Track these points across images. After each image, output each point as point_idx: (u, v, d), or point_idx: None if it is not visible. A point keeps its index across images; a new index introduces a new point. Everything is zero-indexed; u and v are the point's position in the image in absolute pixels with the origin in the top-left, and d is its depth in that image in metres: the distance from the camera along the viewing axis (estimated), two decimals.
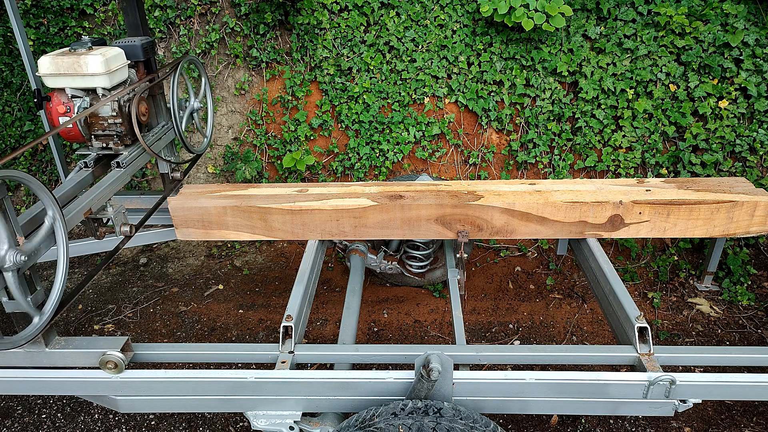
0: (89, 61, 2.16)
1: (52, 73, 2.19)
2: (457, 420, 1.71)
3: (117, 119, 2.30)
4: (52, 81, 2.22)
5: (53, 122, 2.28)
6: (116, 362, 1.90)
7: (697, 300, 3.49)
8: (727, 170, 3.59)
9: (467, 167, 4.01)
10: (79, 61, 2.16)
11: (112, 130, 2.32)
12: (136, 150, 2.42)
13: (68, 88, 2.24)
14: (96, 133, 2.32)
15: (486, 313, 3.51)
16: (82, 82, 2.21)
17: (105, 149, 2.38)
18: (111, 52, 2.25)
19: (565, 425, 2.73)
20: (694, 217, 2.46)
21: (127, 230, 2.33)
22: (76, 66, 2.17)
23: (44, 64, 2.18)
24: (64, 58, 2.17)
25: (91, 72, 2.18)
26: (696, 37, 3.47)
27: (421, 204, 2.45)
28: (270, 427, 1.98)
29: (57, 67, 2.18)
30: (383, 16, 3.77)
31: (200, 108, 2.81)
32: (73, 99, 2.25)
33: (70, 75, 2.19)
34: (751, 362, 2.07)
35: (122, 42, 2.46)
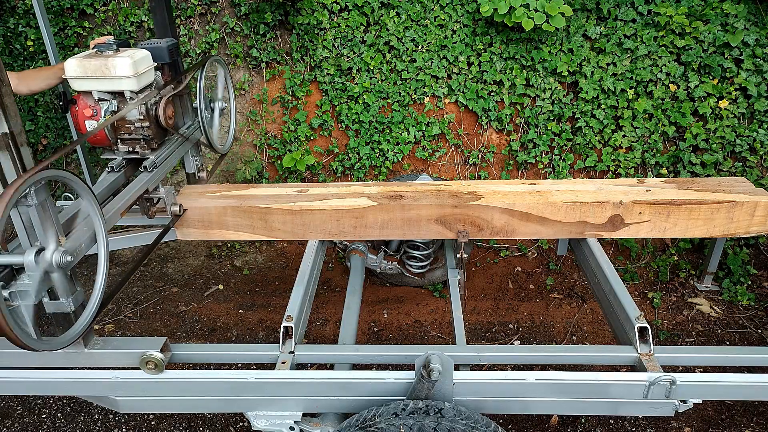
0: (117, 63, 2.13)
1: (79, 75, 2.15)
2: (458, 420, 1.71)
3: (144, 122, 2.27)
4: (79, 84, 2.18)
5: (79, 125, 2.25)
6: (156, 362, 1.89)
7: (697, 300, 3.49)
8: (727, 170, 3.59)
9: (467, 167, 4.01)
10: (107, 64, 2.12)
11: (139, 133, 2.29)
12: (164, 153, 2.40)
13: (95, 91, 2.20)
14: (122, 136, 2.29)
15: (486, 313, 3.51)
16: (109, 85, 2.17)
17: (131, 153, 2.34)
18: (138, 55, 2.21)
19: (565, 425, 2.73)
20: (694, 217, 2.46)
21: (176, 209, 2.36)
22: (104, 68, 2.13)
23: (71, 66, 2.14)
24: (92, 61, 2.13)
25: (119, 75, 2.14)
26: (696, 37, 3.47)
27: (421, 204, 2.45)
28: (270, 427, 1.98)
29: (84, 69, 2.14)
30: (383, 16, 3.77)
31: (224, 107, 2.80)
32: (100, 102, 2.21)
33: (98, 78, 2.15)
34: (751, 362, 2.07)
35: (148, 44, 2.43)
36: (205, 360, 2.10)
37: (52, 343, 1.68)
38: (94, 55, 2.18)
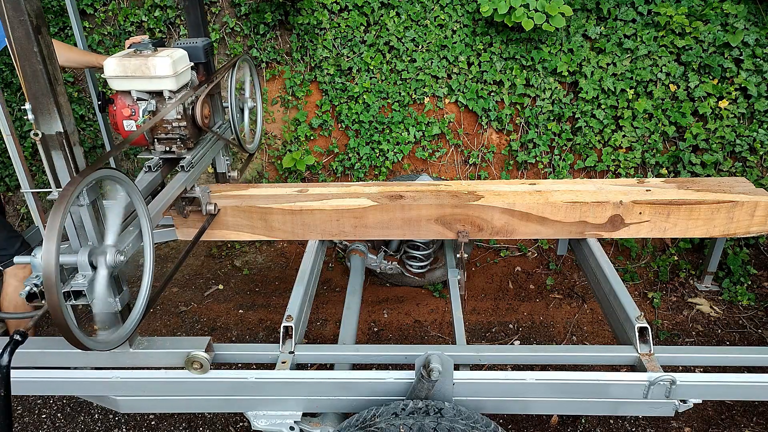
0: (157, 63, 2.12)
1: (118, 75, 2.14)
2: (458, 420, 1.71)
3: (181, 122, 2.26)
4: (118, 83, 2.17)
5: (117, 125, 2.24)
6: (202, 362, 1.89)
7: (697, 300, 3.49)
8: (727, 170, 3.59)
9: (467, 167, 4.01)
10: (146, 63, 2.12)
11: (176, 133, 2.28)
12: (199, 152, 2.39)
13: (134, 90, 2.19)
14: (159, 136, 2.28)
15: (486, 313, 3.51)
16: (149, 84, 2.16)
17: (167, 153, 2.33)
18: (177, 54, 2.20)
19: (565, 425, 2.73)
20: (695, 217, 2.46)
21: (212, 208, 2.37)
22: (144, 68, 2.12)
23: (111, 66, 2.13)
24: (132, 60, 2.12)
25: (159, 74, 2.13)
26: (696, 37, 3.47)
27: (421, 204, 2.45)
28: (270, 427, 1.98)
29: (124, 69, 2.13)
30: (383, 16, 3.77)
31: (253, 106, 2.80)
32: (138, 102, 2.20)
33: (137, 77, 2.14)
34: (751, 362, 2.07)
35: (184, 43, 2.42)
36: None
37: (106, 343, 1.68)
38: (132, 54, 2.17)
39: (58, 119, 1.45)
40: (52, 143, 1.49)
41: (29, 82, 1.40)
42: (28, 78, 1.40)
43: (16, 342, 1.50)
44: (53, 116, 1.45)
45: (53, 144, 1.49)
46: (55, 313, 1.43)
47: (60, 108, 1.44)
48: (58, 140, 1.48)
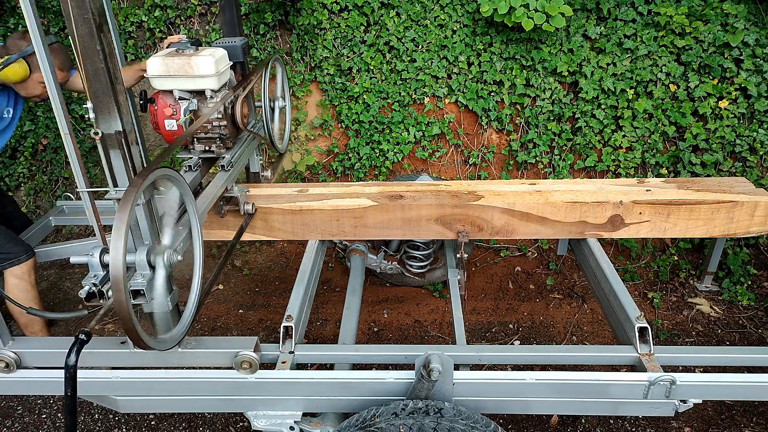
0: (200, 62, 2.12)
1: (161, 74, 2.14)
2: (458, 420, 1.71)
3: (222, 121, 2.26)
4: (161, 83, 2.17)
5: (158, 125, 2.23)
6: (251, 362, 1.88)
7: (697, 300, 3.49)
8: (727, 170, 3.59)
9: (467, 167, 4.01)
10: (189, 63, 2.12)
11: (216, 132, 2.27)
12: (237, 151, 2.39)
13: (176, 89, 2.19)
14: (198, 135, 2.28)
15: (486, 313, 3.51)
16: (192, 83, 2.16)
17: (206, 152, 2.33)
18: (218, 53, 2.20)
19: (565, 425, 2.73)
20: (695, 217, 2.46)
21: (249, 208, 2.36)
22: (187, 67, 2.12)
23: (154, 65, 2.13)
24: (175, 60, 2.13)
25: (202, 73, 2.13)
26: (696, 37, 3.47)
27: (422, 204, 2.45)
28: (270, 427, 1.98)
29: (167, 68, 2.13)
30: (383, 16, 3.77)
31: (284, 106, 2.80)
32: (180, 101, 2.20)
33: (180, 77, 2.14)
34: (751, 362, 2.07)
35: (224, 42, 2.41)
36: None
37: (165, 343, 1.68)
38: (174, 53, 2.17)
39: (117, 118, 1.45)
40: (110, 142, 1.49)
41: (91, 81, 1.40)
42: (89, 76, 1.40)
43: (82, 341, 1.51)
44: (113, 115, 1.45)
45: (112, 143, 1.49)
46: (122, 313, 1.43)
47: (119, 107, 1.44)
48: (117, 139, 1.48)
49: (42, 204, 4.30)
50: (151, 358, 1.93)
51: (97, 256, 1.57)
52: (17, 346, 1.94)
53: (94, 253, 1.57)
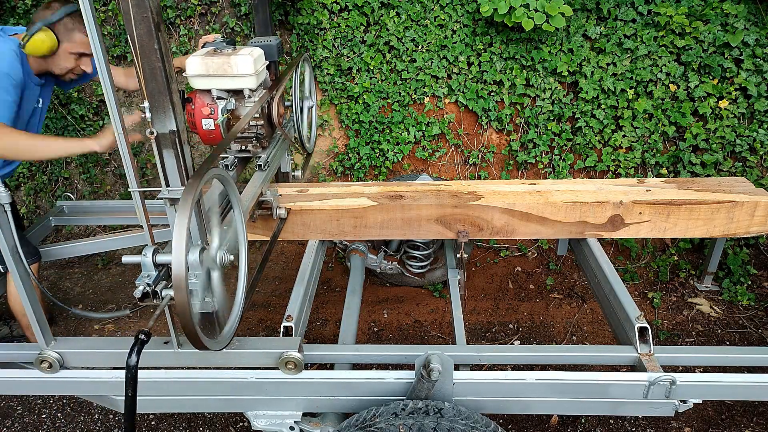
0: (239, 62, 2.11)
1: (201, 74, 2.13)
2: (458, 420, 1.71)
3: (258, 121, 2.25)
4: (200, 82, 2.16)
5: (195, 124, 2.22)
6: (296, 362, 1.88)
7: (697, 300, 3.49)
8: (727, 170, 3.59)
9: (467, 167, 4.01)
10: (229, 62, 2.11)
11: (252, 132, 2.26)
12: (273, 151, 2.38)
13: (215, 89, 2.18)
14: None
15: (486, 313, 3.51)
16: (230, 83, 2.15)
17: (242, 152, 2.32)
18: (256, 53, 2.20)
19: (565, 425, 2.73)
20: (695, 217, 2.46)
21: (282, 212, 2.35)
22: (226, 67, 2.11)
23: (193, 65, 2.12)
24: (214, 59, 2.12)
25: (241, 73, 2.12)
26: (696, 37, 3.47)
27: (422, 204, 2.45)
28: (270, 427, 1.98)
29: (207, 68, 2.12)
30: (383, 16, 3.77)
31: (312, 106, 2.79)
32: (218, 100, 2.19)
33: (219, 76, 2.14)
34: (751, 362, 2.07)
35: (259, 42, 2.41)
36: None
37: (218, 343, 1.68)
38: (213, 53, 2.16)
39: (172, 118, 1.44)
40: (164, 142, 1.48)
41: (147, 80, 1.40)
42: (146, 76, 1.39)
43: (142, 342, 1.50)
44: (168, 115, 1.44)
45: (165, 143, 1.48)
46: (183, 313, 1.43)
47: (174, 106, 1.44)
48: (170, 139, 1.47)
49: (42, 204, 4.30)
50: (194, 358, 1.92)
51: (150, 255, 1.56)
52: (60, 346, 1.94)
53: (147, 252, 1.56)
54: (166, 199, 1.58)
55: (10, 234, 1.70)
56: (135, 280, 1.56)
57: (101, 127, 4.13)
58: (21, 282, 1.76)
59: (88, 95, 4.08)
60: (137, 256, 1.58)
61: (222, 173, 1.63)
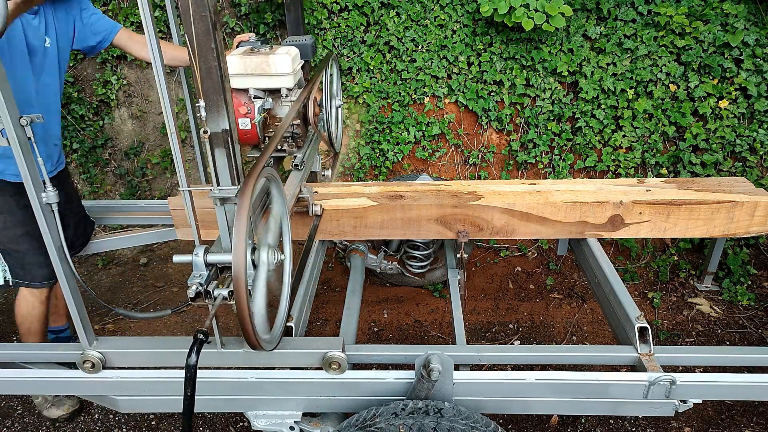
0: (277, 61, 2.10)
1: (239, 73, 2.13)
2: (458, 420, 1.71)
3: (295, 120, 2.23)
4: (237, 81, 2.15)
5: None
6: (340, 362, 1.88)
7: (697, 300, 3.49)
8: (727, 170, 3.59)
9: (467, 167, 4.01)
10: (267, 61, 2.10)
11: (288, 131, 2.25)
12: (308, 150, 2.38)
13: (252, 88, 2.17)
14: (270, 134, 2.25)
15: (486, 313, 3.51)
16: (268, 82, 2.15)
17: (278, 151, 2.31)
18: (293, 52, 2.19)
19: (565, 425, 2.73)
20: (695, 217, 2.46)
21: (318, 209, 2.34)
22: (264, 66, 2.11)
23: (232, 64, 2.11)
24: (252, 58, 2.11)
25: (279, 72, 2.12)
26: (696, 37, 3.47)
27: (422, 204, 2.45)
28: (270, 427, 1.98)
29: (245, 67, 2.11)
30: (383, 16, 3.77)
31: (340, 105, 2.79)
32: (255, 100, 2.18)
33: (257, 75, 2.13)
34: (751, 362, 2.07)
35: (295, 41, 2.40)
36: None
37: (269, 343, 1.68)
38: (251, 52, 2.16)
39: (225, 117, 1.44)
40: (216, 141, 1.47)
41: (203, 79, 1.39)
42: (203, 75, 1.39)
43: (201, 341, 1.50)
44: (221, 113, 1.44)
45: (217, 142, 1.47)
46: (242, 313, 1.42)
47: (228, 105, 1.44)
48: (223, 138, 1.47)
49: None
50: (238, 358, 1.92)
51: (202, 255, 1.56)
52: (102, 346, 1.95)
53: (198, 252, 1.56)
54: (217, 198, 1.57)
55: (57, 234, 1.70)
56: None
57: (101, 127, 4.13)
58: (66, 281, 1.76)
59: (88, 95, 4.08)
60: (188, 256, 1.58)
61: (273, 172, 1.62)
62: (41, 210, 1.63)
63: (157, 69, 1.41)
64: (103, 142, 4.18)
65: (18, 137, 1.52)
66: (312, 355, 1.90)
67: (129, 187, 4.27)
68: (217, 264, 1.61)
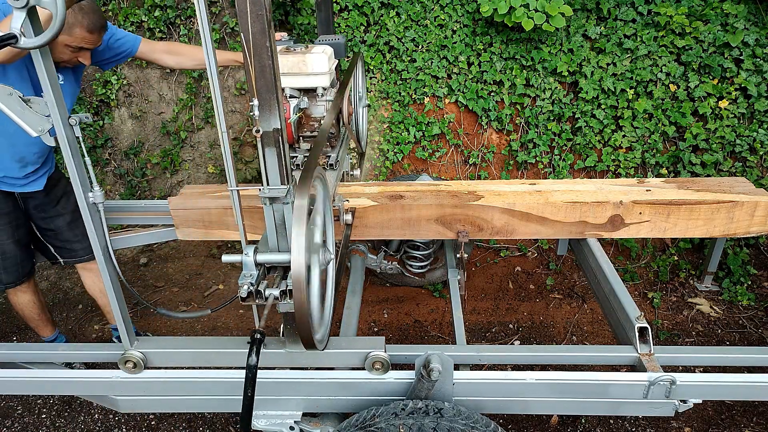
0: (314, 60, 2.10)
1: None
2: (458, 420, 1.71)
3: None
4: None
5: None
6: (383, 362, 1.87)
7: (697, 300, 3.49)
8: (727, 170, 3.59)
9: (467, 167, 4.01)
10: (304, 60, 2.09)
11: None
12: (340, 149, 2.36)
13: (288, 87, 2.16)
14: (304, 134, 2.23)
15: (486, 313, 3.51)
16: (305, 81, 2.14)
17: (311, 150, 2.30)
18: (329, 51, 2.18)
19: (565, 425, 2.73)
20: (695, 217, 2.46)
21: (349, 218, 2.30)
22: (301, 65, 2.10)
23: None
24: (288, 57, 2.10)
25: (316, 71, 2.11)
26: (696, 37, 3.47)
27: (422, 204, 2.45)
28: (270, 427, 1.98)
29: (281, 66, 2.07)
30: (383, 16, 3.77)
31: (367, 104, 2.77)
32: (290, 99, 2.17)
33: (294, 74, 2.12)
34: (751, 362, 2.07)
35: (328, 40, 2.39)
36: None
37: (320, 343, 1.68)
38: (286, 51, 2.15)
39: (277, 116, 1.43)
40: (267, 140, 1.47)
41: (258, 78, 1.39)
42: (257, 74, 1.38)
43: (260, 341, 1.50)
44: (273, 113, 1.43)
45: (268, 141, 1.47)
46: (301, 313, 1.42)
47: (279, 105, 1.44)
48: (274, 137, 1.46)
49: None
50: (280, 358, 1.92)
51: (252, 255, 1.55)
52: (143, 346, 1.94)
53: (248, 252, 1.55)
54: (266, 198, 1.56)
55: (102, 234, 1.70)
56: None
57: (101, 127, 4.12)
58: (110, 282, 1.77)
59: (88, 95, 4.08)
60: (238, 255, 1.57)
61: (323, 172, 1.62)
62: (87, 209, 1.63)
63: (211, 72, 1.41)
64: (103, 142, 4.18)
65: (66, 136, 1.52)
66: (354, 355, 1.90)
67: (129, 187, 4.27)
68: (265, 263, 1.60)
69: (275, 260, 1.60)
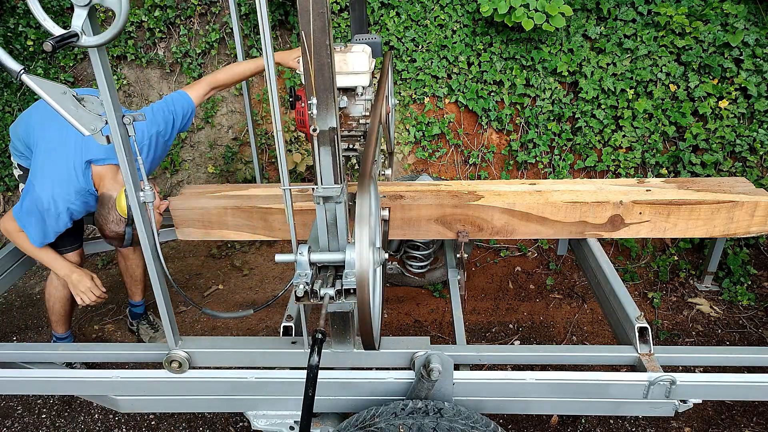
0: (355, 59, 2.08)
1: None
2: (458, 420, 1.71)
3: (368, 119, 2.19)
4: None
5: (304, 123, 2.17)
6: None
7: (697, 300, 3.49)
8: (727, 170, 3.59)
9: (467, 167, 4.01)
10: (345, 59, 2.07)
11: (360, 130, 2.21)
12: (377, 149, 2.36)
13: None
14: (342, 133, 2.22)
15: (486, 313, 3.51)
16: (345, 80, 2.12)
17: (349, 150, 2.26)
18: (368, 50, 2.16)
19: (565, 425, 2.73)
20: (695, 217, 2.46)
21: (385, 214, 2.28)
22: (342, 64, 2.08)
23: None
24: None
25: (356, 70, 2.09)
26: (696, 37, 3.47)
27: (422, 204, 2.45)
28: (270, 427, 1.98)
29: None
30: (383, 16, 3.77)
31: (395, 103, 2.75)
32: None
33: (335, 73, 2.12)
34: (751, 362, 2.07)
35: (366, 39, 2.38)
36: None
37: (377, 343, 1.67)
38: None
39: (333, 115, 1.43)
40: (323, 139, 1.46)
41: (317, 77, 1.38)
42: (316, 72, 1.37)
43: (321, 341, 1.49)
44: (330, 112, 1.42)
45: (324, 140, 1.46)
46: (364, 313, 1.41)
47: (336, 104, 1.43)
48: (329, 136, 1.45)
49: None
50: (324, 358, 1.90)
51: (306, 254, 1.54)
52: (187, 346, 1.94)
53: (302, 251, 1.55)
54: (320, 197, 1.55)
55: (151, 232, 1.70)
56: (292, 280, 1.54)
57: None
58: (157, 281, 1.77)
59: None
60: (290, 255, 1.56)
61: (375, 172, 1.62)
62: (138, 208, 1.63)
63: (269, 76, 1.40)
64: None
65: (120, 135, 1.52)
66: (400, 356, 1.90)
67: None
68: (318, 263, 1.59)
69: (329, 259, 1.59)
